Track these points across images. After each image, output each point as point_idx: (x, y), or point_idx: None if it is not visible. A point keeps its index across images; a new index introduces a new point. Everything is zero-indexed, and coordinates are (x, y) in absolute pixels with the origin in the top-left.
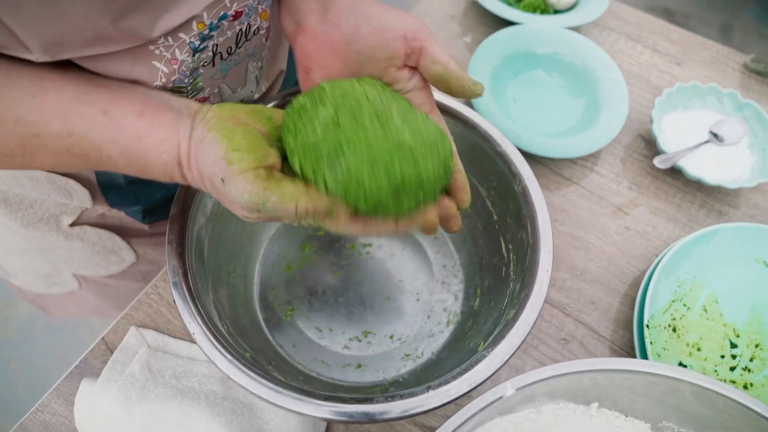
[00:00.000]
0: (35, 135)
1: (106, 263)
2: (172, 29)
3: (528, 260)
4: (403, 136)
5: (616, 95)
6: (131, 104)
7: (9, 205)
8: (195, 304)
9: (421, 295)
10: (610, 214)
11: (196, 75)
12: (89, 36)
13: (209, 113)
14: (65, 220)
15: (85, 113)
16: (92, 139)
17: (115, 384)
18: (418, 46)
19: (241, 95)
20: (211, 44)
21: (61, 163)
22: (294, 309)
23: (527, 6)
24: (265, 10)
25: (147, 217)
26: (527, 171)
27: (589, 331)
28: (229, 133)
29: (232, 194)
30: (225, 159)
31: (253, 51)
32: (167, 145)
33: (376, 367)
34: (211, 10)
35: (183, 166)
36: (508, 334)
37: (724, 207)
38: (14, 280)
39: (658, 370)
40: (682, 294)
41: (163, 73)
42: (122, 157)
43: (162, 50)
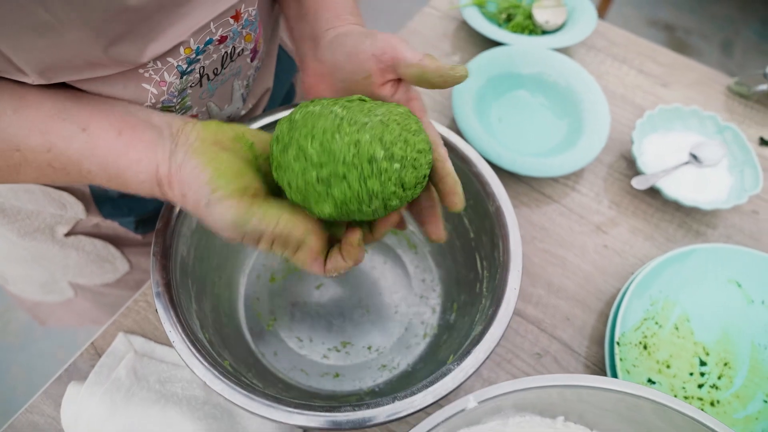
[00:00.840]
0: (16, 149)
1: (101, 272)
2: (160, 54)
3: (498, 278)
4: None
5: (598, 117)
6: (110, 122)
7: (6, 216)
8: (176, 313)
9: (399, 307)
10: (589, 232)
11: (184, 95)
12: (81, 63)
13: (192, 134)
14: (60, 230)
15: (63, 129)
16: (71, 155)
17: (101, 387)
18: (389, 58)
19: (228, 112)
20: (197, 67)
21: (45, 176)
22: (276, 319)
23: (515, 27)
24: (249, 33)
25: (140, 228)
26: (501, 191)
27: (563, 346)
28: (213, 159)
29: (216, 217)
30: (209, 185)
31: (237, 71)
32: (144, 165)
33: (353, 377)
34: (197, 36)
35: (163, 185)
36: (474, 349)
37: (701, 227)
38: (12, 288)
39: (621, 387)
40: (655, 312)
41: (152, 94)
42: (102, 172)
43: (151, 73)
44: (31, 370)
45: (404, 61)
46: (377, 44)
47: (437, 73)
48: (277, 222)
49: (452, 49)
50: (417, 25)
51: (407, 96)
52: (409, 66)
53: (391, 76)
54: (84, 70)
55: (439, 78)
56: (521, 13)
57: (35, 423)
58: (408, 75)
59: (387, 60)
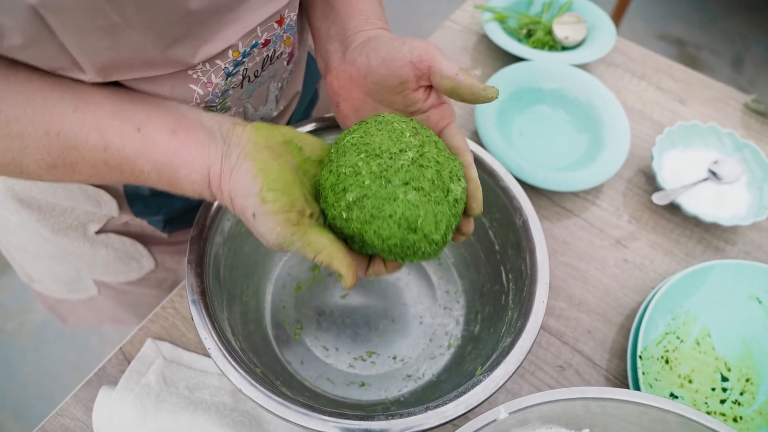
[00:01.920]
0: (74, 148)
1: (127, 269)
2: (210, 57)
3: (526, 291)
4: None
5: (618, 132)
6: (165, 121)
7: (42, 212)
8: (211, 320)
9: (424, 318)
10: (610, 246)
11: (226, 96)
12: (139, 62)
13: (243, 137)
14: (92, 228)
15: (120, 128)
16: (126, 153)
17: (131, 392)
18: (426, 66)
19: (261, 113)
20: (242, 69)
21: (98, 174)
22: (303, 328)
23: (536, 42)
24: (289, 37)
25: (168, 226)
26: (528, 206)
27: (585, 359)
28: (265, 168)
29: (261, 230)
30: (259, 196)
31: (274, 73)
32: (198, 164)
33: (378, 386)
34: (245, 40)
35: (213, 187)
36: (504, 360)
37: (720, 243)
38: (37, 286)
39: (647, 401)
40: (676, 327)
41: (198, 94)
42: (154, 172)
43: (199, 75)
44: (43, 371)
45: (440, 72)
46: (415, 51)
47: (470, 90)
48: (317, 254)
49: (472, 63)
50: (438, 38)
51: (439, 100)
52: (444, 78)
53: (425, 83)
54: (140, 69)
55: (470, 95)
56: (541, 29)
57: (66, 426)
58: (441, 86)
59: (423, 68)
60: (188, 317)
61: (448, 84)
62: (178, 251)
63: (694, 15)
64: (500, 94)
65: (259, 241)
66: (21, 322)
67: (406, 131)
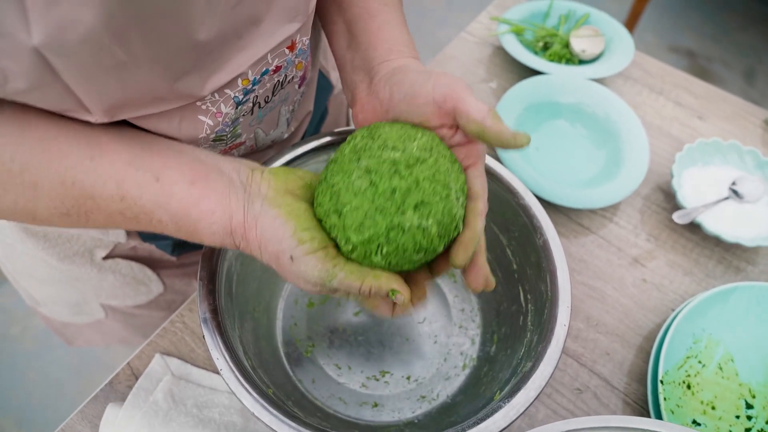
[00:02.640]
0: (90, 197)
1: (135, 294)
2: (219, 87)
3: (546, 314)
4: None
5: (637, 148)
6: (182, 171)
7: (48, 240)
8: (223, 339)
9: (438, 337)
10: (628, 265)
11: (236, 124)
12: (148, 99)
13: (263, 183)
14: (99, 254)
15: (137, 178)
16: (143, 204)
17: (139, 411)
18: (450, 107)
19: (272, 137)
20: (252, 96)
21: (113, 223)
22: (315, 345)
23: (553, 56)
24: (301, 61)
25: (176, 250)
26: (549, 225)
27: (603, 382)
28: (292, 212)
29: (302, 270)
30: (295, 238)
31: (285, 97)
32: (218, 216)
33: (392, 407)
34: (255, 67)
35: (236, 236)
36: (525, 386)
37: (742, 263)
38: (42, 309)
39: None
40: (697, 351)
41: (208, 126)
42: (172, 223)
43: (209, 105)
44: (47, 377)
45: (466, 114)
46: (439, 89)
47: (498, 136)
48: (364, 279)
49: (488, 75)
50: (453, 50)
51: (466, 139)
52: (470, 121)
53: (449, 122)
54: (148, 106)
55: (498, 142)
56: (559, 42)
57: None
58: (467, 129)
59: (448, 108)
60: (197, 332)
61: (475, 128)
62: (187, 273)
63: (706, 27)
64: (517, 108)
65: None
66: (25, 326)
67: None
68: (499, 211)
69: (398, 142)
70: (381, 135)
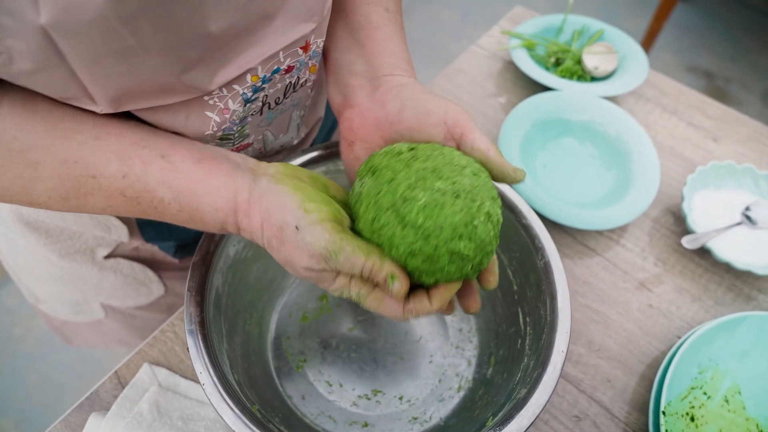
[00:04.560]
0: (92, 176)
1: (135, 294)
2: (228, 81)
3: (544, 339)
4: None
5: (648, 170)
6: (189, 152)
7: (50, 236)
8: (208, 353)
9: (434, 357)
10: (633, 289)
11: (244, 123)
12: (155, 89)
13: (271, 169)
14: (101, 252)
15: (144, 156)
16: (147, 181)
17: (122, 421)
18: (459, 132)
19: (282, 141)
20: (261, 95)
21: (112, 206)
22: (306, 360)
23: (564, 72)
24: (314, 64)
25: (179, 252)
26: (551, 246)
27: (603, 410)
28: (300, 188)
29: (307, 241)
30: (302, 208)
31: (298, 101)
32: (223, 191)
33: (382, 428)
34: (265, 64)
35: (239, 214)
36: (518, 414)
37: (753, 292)
38: (42, 306)
39: None
40: (703, 381)
41: (215, 122)
42: (175, 201)
43: (216, 101)
44: (48, 379)
45: (472, 143)
46: (451, 114)
47: (499, 169)
48: (368, 256)
49: (497, 90)
50: (463, 63)
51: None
52: (475, 149)
53: (452, 144)
54: (154, 97)
55: (499, 172)
56: (571, 58)
57: None
58: (471, 156)
59: (456, 133)
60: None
61: (478, 156)
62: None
63: (725, 48)
64: (525, 124)
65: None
66: (28, 327)
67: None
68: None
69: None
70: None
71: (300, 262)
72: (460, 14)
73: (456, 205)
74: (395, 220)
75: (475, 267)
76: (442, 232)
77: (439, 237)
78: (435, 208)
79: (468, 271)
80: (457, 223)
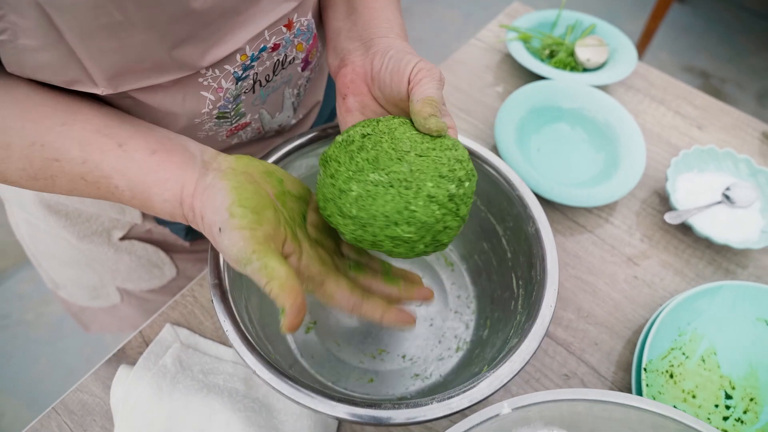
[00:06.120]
0: (56, 159)
1: (149, 277)
2: (218, 60)
3: (534, 296)
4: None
5: (634, 152)
6: (147, 142)
7: (69, 218)
8: (230, 305)
9: (434, 321)
10: (620, 263)
11: (239, 101)
12: (148, 66)
13: (224, 163)
14: (116, 234)
15: (102, 144)
16: (104, 168)
17: (148, 372)
18: (412, 88)
19: (279, 120)
20: (251, 73)
21: (77, 189)
22: (316, 323)
23: (558, 63)
24: (301, 42)
25: (190, 235)
26: (541, 214)
27: (591, 370)
28: (238, 187)
29: (225, 245)
30: (228, 210)
31: (288, 78)
32: (171, 184)
33: (386, 383)
34: (252, 43)
35: (184, 206)
36: (510, 359)
37: (731, 266)
38: (61, 293)
39: (647, 406)
40: (682, 343)
41: (210, 101)
42: (128, 189)
43: (210, 81)
44: (58, 363)
45: (412, 95)
46: (414, 70)
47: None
48: (268, 281)
49: (495, 80)
50: (463, 55)
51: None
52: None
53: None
54: (150, 75)
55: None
56: (564, 50)
57: (84, 402)
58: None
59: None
60: (206, 306)
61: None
62: (200, 260)
63: (721, 49)
64: (520, 110)
65: None
66: (40, 313)
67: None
68: (496, 202)
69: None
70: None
71: (226, 259)
72: (462, 14)
73: (388, 195)
74: (337, 211)
75: (429, 244)
76: (376, 221)
77: (374, 225)
78: (367, 199)
79: (421, 250)
80: (389, 211)
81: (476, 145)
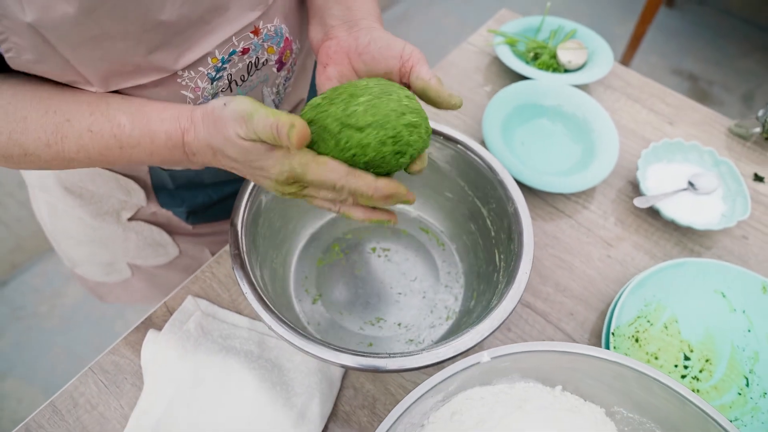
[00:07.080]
0: (67, 119)
1: (155, 254)
2: (191, 63)
3: (513, 265)
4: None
5: (609, 144)
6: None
7: (83, 198)
8: (248, 272)
9: (427, 293)
10: (595, 243)
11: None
12: (130, 69)
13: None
14: (125, 215)
15: (109, 99)
16: (109, 112)
17: (174, 335)
18: (410, 65)
19: None
20: (225, 74)
21: (83, 147)
22: (321, 295)
23: (541, 65)
24: (271, 46)
25: (190, 218)
26: (519, 196)
27: (566, 336)
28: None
29: (231, 107)
30: (234, 96)
31: (265, 78)
32: (169, 110)
33: (384, 347)
34: (221, 48)
35: (181, 119)
36: (489, 316)
37: (696, 247)
38: (78, 270)
39: (608, 356)
40: (648, 312)
41: (190, 99)
42: (129, 122)
43: (187, 81)
44: (70, 352)
45: (417, 73)
46: (406, 50)
47: (436, 92)
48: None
49: (484, 81)
50: (455, 57)
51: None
52: (418, 79)
53: (405, 79)
54: (134, 76)
55: (436, 96)
56: (547, 53)
57: (117, 363)
58: (414, 85)
59: (407, 65)
60: (223, 281)
61: (420, 84)
62: (201, 242)
63: (709, 53)
64: (506, 108)
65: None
66: (52, 305)
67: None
68: (481, 186)
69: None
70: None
71: (231, 131)
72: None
73: (383, 99)
74: (352, 131)
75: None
76: (390, 116)
77: (390, 120)
78: (374, 107)
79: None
80: (394, 107)
81: (466, 138)
